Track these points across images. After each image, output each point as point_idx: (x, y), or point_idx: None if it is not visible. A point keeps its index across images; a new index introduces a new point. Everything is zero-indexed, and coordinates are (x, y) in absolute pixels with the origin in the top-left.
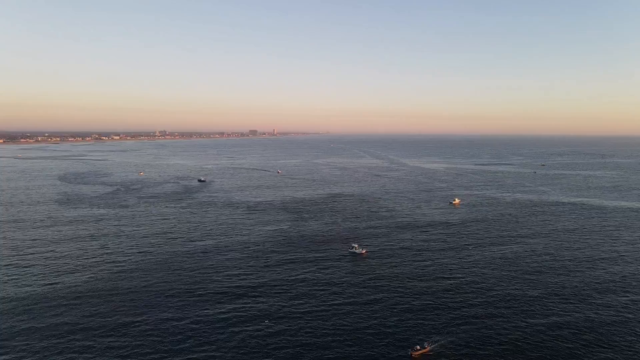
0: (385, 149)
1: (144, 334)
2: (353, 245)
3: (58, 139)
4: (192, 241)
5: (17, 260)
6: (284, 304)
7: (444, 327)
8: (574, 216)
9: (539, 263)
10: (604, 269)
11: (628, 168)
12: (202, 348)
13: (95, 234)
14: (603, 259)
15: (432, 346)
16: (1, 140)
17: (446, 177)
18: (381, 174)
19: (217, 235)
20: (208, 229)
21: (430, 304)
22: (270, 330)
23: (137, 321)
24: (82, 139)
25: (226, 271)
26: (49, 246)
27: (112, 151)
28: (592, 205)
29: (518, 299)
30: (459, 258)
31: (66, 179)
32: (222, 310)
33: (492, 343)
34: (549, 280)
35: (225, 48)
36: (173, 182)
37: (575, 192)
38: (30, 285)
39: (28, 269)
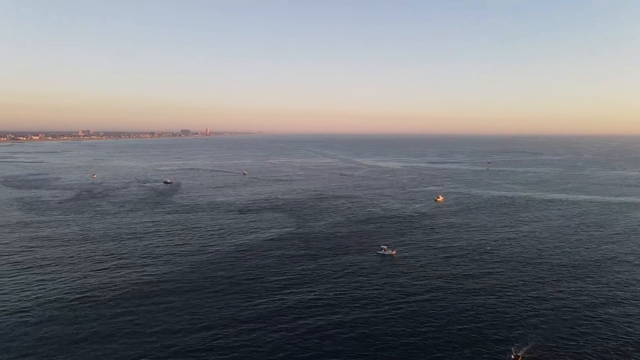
0: (331, 149)
1: (239, 343)
2: (382, 246)
3: None
4: (210, 245)
5: (27, 265)
6: (347, 305)
7: (518, 318)
8: (558, 208)
9: (561, 250)
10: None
11: (563, 165)
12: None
13: (95, 240)
14: (610, 242)
15: (522, 352)
16: None
17: (409, 175)
18: (346, 174)
19: (230, 239)
20: (215, 232)
21: (490, 296)
22: (364, 331)
23: (223, 332)
24: None
25: (270, 271)
26: (47, 250)
27: (40, 152)
28: (561, 200)
29: (572, 284)
30: (484, 252)
31: (10, 184)
32: (293, 308)
33: (573, 327)
34: (585, 262)
35: (149, 44)
36: (137, 185)
37: (534, 186)
38: (63, 291)
39: (47, 275)
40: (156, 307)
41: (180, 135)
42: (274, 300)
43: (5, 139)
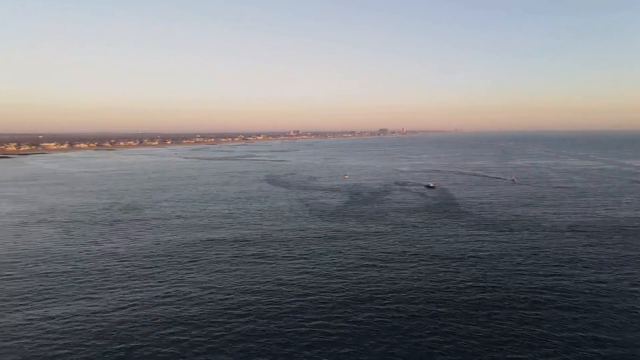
0: (561, 147)
1: None
2: None
3: (212, 139)
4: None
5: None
6: None
7: None
8: None
9: None
10: None
11: None
12: None
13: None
14: None
15: None
16: (169, 141)
17: None
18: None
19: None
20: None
21: None
22: None
23: None
24: (232, 139)
25: None
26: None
27: (273, 151)
28: None
29: None
30: None
31: (276, 183)
32: None
33: None
34: None
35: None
36: (399, 189)
37: None
38: None
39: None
40: None
41: (378, 134)
42: None
43: (238, 139)
